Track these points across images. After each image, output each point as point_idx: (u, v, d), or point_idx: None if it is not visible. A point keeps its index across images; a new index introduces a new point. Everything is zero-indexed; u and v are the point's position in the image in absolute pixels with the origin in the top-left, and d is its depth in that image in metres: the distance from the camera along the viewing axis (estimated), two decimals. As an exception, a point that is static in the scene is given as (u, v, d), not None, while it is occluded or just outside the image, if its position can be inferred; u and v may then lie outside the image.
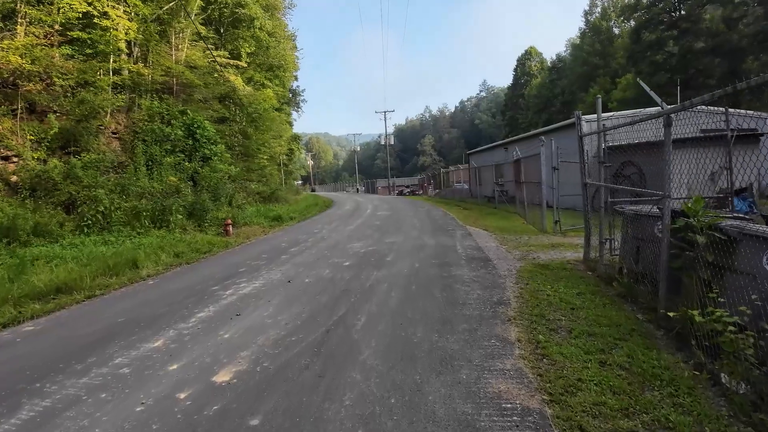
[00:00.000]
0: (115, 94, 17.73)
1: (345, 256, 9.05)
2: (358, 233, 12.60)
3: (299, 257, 9.28)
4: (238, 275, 7.94)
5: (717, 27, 40.98)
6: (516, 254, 8.50)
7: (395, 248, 9.55)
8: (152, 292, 7.28)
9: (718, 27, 40.93)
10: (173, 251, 10.93)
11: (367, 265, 7.97)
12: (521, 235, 10.99)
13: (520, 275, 6.70)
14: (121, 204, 13.82)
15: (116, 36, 17.03)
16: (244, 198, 22.14)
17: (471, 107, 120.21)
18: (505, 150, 25.65)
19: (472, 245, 9.49)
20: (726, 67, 40.47)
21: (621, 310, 5.14)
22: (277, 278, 7.45)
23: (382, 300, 5.67)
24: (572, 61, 56.69)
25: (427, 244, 9.82)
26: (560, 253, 8.53)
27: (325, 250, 9.92)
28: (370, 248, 9.78)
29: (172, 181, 15.83)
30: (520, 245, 9.45)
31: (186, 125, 19.98)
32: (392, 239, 10.94)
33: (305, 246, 10.83)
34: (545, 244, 9.57)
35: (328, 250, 9.91)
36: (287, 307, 5.72)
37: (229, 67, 27.05)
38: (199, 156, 20.15)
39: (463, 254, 8.50)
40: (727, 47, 39.93)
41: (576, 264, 7.60)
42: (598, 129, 7.52)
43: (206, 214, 15.76)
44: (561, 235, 10.88)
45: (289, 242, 11.75)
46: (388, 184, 49.47)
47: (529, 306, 5.20)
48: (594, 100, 7.79)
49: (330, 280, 6.98)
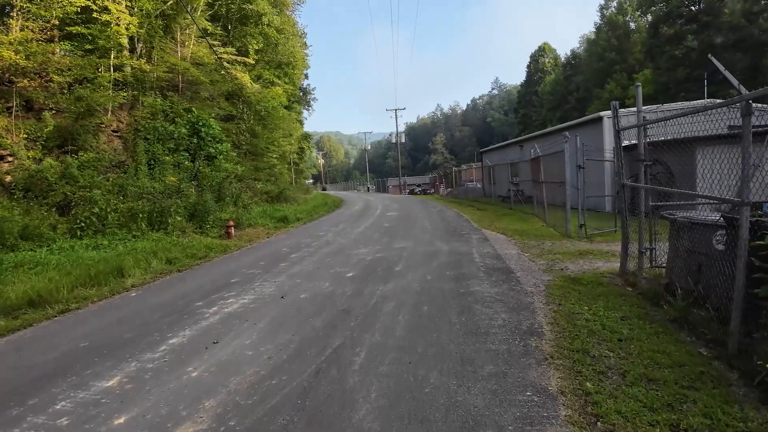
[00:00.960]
0: (117, 91, 16.99)
1: (349, 264, 8.10)
2: (365, 237, 11.64)
3: (299, 266, 8.35)
4: (228, 287, 7.03)
5: (738, 21, 39.14)
6: (541, 264, 7.46)
7: (405, 255, 8.56)
8: (129, 308, 6.41)
9: (739, 21, 39.10)
10: (166, 257, 10.08)
11: (373, 276, 7.00)
12: (543, 240, 9.93)
13: (550, 292, 5.67)
14: (118, 205, 13.05)
15: (117, 31, 16.29)
16: (250, 198, 21.36)
17: (483, 105, 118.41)
18: (521, 148, 24.48)
19: (491, 252, 8.46)
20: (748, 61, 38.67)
21: (679, 343, 4.10)
22: (269, 292, 6.52)
23: (387, 326, 4.69)
24: (587, 56, 54.90)
25: (441, 251, 8.81)
26: (590, 263, 7.47)
27: (328, 257, 8.98)
28: (377, 255, 8.81)
29: (171, 181, 15.04)
30: (544, 253, 8.40)
31: (191, 123, 19.24)
32: (402, 244, 9.95)
33: (308, 251, 9.90)
34: (571, 251, 8.50)
35: (331, 257, 8.96)
36: (274, 332, 4.78)
37: (236, 64, 26.29)
38: (203, 155, 19.40)
39: (481, 264, 7.48)
40: (749, 42, 38.11)
41: (612, 277, 6.54)
42: (638, 122, 6.43)
43: (208, 216, 14.93)
44: (587, 241, 9.80)
45: (291, 247, 10.84)
46: (399, 183, 48.43)
47: (567, 336, 4.19)
48: (635, 90, 6.70)
49: (329, 296, 6.03)
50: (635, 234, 6.73)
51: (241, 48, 28.62)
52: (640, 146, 6.52)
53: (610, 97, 42.57)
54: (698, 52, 40.20)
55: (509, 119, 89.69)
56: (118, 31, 16.30)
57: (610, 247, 9.00)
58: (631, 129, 6.74)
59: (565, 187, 10.46)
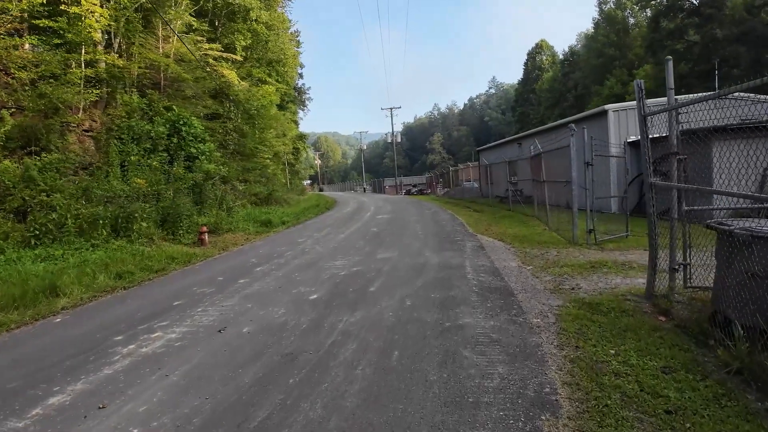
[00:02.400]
0: (89, 88, 15.65)
1: (317, 282, 6.73)
2: (347, 244, 10.28)
3: (259, 283, 6.98)
4: (164, 314, 5.67)
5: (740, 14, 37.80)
6: (546, 281, 6.09)
7: (386, 270, 7.19)
8: (39, 342, 5.05)
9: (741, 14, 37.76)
10: (118, 270, 8.76)
11: (340, 301, 5.63)
12: (547, 247, 8.56)
13: (563, 327, 4.30)
14: (80, 210, 11.70)
15: (89, 25, 14.96)
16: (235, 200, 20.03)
17: (480, 104, 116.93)
18: (519, 146, 23.11)
19: (487, 266, 7.08)
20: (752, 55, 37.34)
21: (754, 416, 2.75)
22: (208, 323, 5.15)
23: (337, 386, 3.32)
24: (586, 53, 53.44)
25: (429, 264, 7.43)
26: (606, 280, 6.10)
27: (297, 272, 7.61)
28: (354, 269, 7.44)
29: (138, 183, 13.66)
30: (549, 265, 7.03)
31: (171, 122, 17.90)
32: (386, 254, 8.58)
33: (277, 263, 8.54)
34: (581, 263, 7.13)
35: (300, 272, 7.59)
36: (184, 392, 3.42)
37: (223, 61, 24.94)
38: (183, 155, 18.04)
39: (475, 282, 6.10)
40: (752, 35, 36.78)
41: (637, 301, 5.18)
42: (669, 104, 5.07)
43: (181, 221, 13.56)
44: (597, 248, 8.44)
45: (262, 257, 9.48)
46: (395, 183, 46.99)
47: (592, 410, 2.82)
48: (664, 63, 5.33)
49: (277, 331, 4.66)
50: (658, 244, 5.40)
51: (229, 45, 27.31)
52: (671, 135, 5.16)
53: (610, 93, 41.25)
54: (701, 46, 38.89)
55: (506, 118, 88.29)
56: (90, 25, 14.98)
57: (625, 256, 7.64)
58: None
59: (570, 187, 9.09)
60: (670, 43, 39.57)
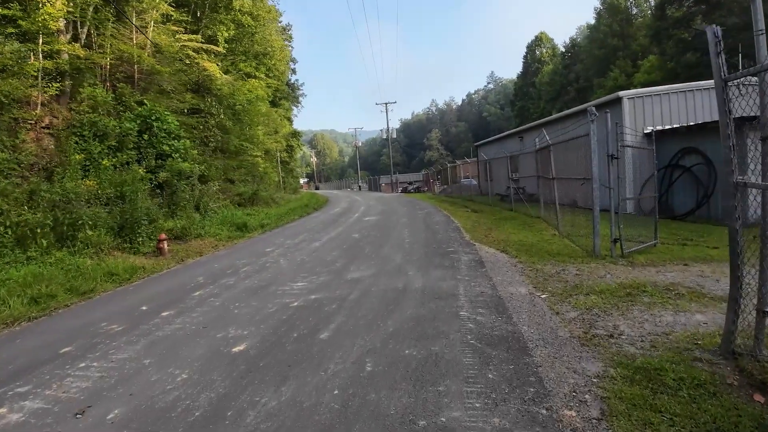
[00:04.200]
0: (49, 82, 13.98)
1: (255, 319, 4.94)
2: (318, 257, 8.51)
3: (182, 318, 5.21)
4: (34, 371, 3.95)
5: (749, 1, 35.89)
6: (572, 320, 4.32)
7: (352, 300, 5.40)
8: None
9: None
10: (38, 292, 7.06)
11: (272, 357, 3.84)
12: (562, 262, 6.79)
13: (615, 428, 2.53)
14: (23, 217, 9.99)
15: (48, 13, 13.25)
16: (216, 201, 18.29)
17: (479, 100, 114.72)
18: (521, 140, 21.30)
19: (487, 293, 5.27)
20: (764, 43, 35.43)
21: None
22: (74, 394, 3.41)
23: None
24: (588, 44, 51.36)
25: (410, 290, 5.63)
26: (653, 316, 4.34)
27: (238, 300, 5.83)
28: (311, 297, 5.66)
29: (88, 185, 11.89)
30: (570, 291, 5.24)
31: (142, 117, 16.16)
32: (359, 272, 6.80)
33: (223, 285, 6.77)
34: (612, 286, 5.35)
35: (243, 300, 5.81)
36: None
37: (203, 53, 23.13)
38: (154, 153, 16.28)
39: (471, 325, 4.31)
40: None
41: (711, 360, 3.40)
42: (762, 63, 3.27)
43: (139, 228, 11.81)
44: (625, 263, 6.67)
45: (211, 274, 7.71)
46: (390, 180, 45.07)
47: None
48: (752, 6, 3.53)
49: (151, 424, 2.90)
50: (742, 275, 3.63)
51: (213, 37, 25.57)
52: (766, 111, 3.33)
53: (614, 85, 39.39)
54: (708, 34, 36.96)
55: (505, 113, 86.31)
56: (49, 13, 13.25)
57: (664, 275, 5.88)
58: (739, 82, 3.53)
59: (588, 186, 7.30)
60: (677, 32, 37.65)
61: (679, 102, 14.36)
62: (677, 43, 37.65)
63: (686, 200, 12.30)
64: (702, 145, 11.90)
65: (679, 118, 14.22)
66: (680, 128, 12.84)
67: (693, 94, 14.65)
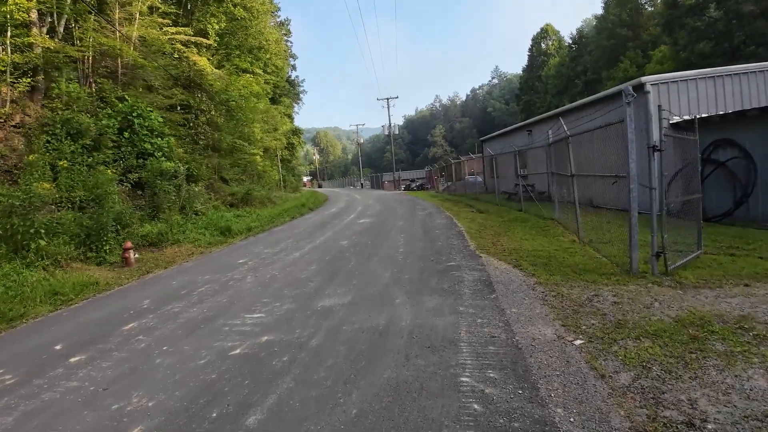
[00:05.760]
0: (18, 77, 12.79)
1: (173, 380, 3.55)
2: (291, 273, 7.10)
3: (86, 371, 3.86)
4: None
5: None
6: (624, 388, 2.89)
7: (313, 346, 3.96)
8: None
9: (766, -13, 33.89)
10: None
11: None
12: (593, 282, 5.33)
13: None
14: None
15: (16, 3, 12.06)
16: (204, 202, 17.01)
17: (483, 95, 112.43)
18: (529, 133, 19.74)
19: (499, 339, 3.79)
20: (781, 31, 33.53)
21: None
22: None
23: None
24: (596, 35, 49.34)
25: (392, 331, 4.16)
26: (739, 382, 2.93)
27: (167, 342, 4.44)
28: (263, 338, 4.25)
29: (44, 188, 10.56)
30: (613, 334, 3.79)
31: (122, 114, 14.89)
32: (332, 300, 5.35)
33: (163, 315, 5.39)
34: (666, 324, 3.92)
35: (174, 342, 4.43)
36: None
37: (192, 46, 21.79)
38: (135, 152, 14.98)
39: (475, 398, 2.86)
40: (780, 9, 32.94)
41: None
42: None
43: (106, 235, 10.50)
44: (672, 282, 5.21)
45: (158, 297, 6.35)
46: (393, 178, 43.47)
47: None
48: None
49: None
50: None
51: (204, 31, 24.23)
52: None
53: (625, 76, 37.57)
54: (724, 22, 35.08)
55: (510, 108, 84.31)
56: (17, 2, 12.04)
57: (728, 303, 4.45)
58: None
59: (621, 185, 5.82)
60: (690, 21, 35.77)
61: (707, 89, 12.78)
62: (690, 32, 35.81)
63: (721, 200, 10.74)
64: (739, 136, 10.32)
65: (707, 107, 12.65)
66: (713, 117, 11.26)
67: (723, 80, 13.05)
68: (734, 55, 33.59)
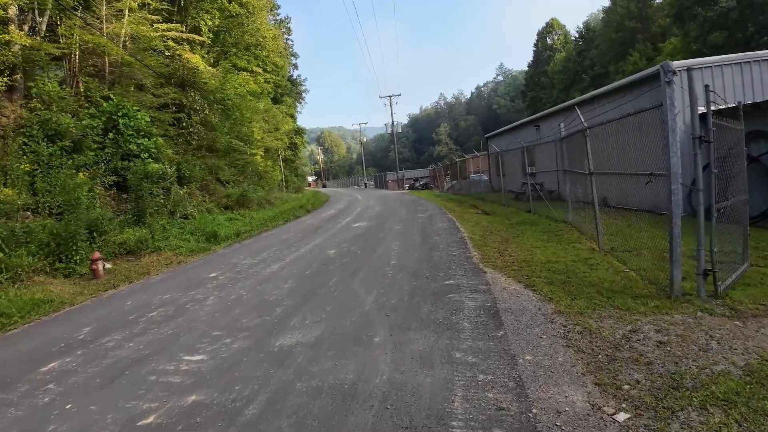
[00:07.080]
0: None
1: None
2: (261, 293, 6.03)
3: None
4: None
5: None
6: None
7: (245, 421, 2.91)
8: None
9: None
10: None
11: None
12: (627, 309, 4.19)
13: None
14: None
15: None
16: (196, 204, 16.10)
17: (488, 92, 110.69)
18: (537, 129, 18.54)
19: (511, 412, 2.66)
20: (797, 19, 31.93)
21: None
22: None
23: None
24: (603, 28, 47.73)
25: (360, 397, 2.93)
26: None
27: (70, 400, 3.39)
28: (190, 398, 3.18)
29: (6, 194, 9.61)
30: (668, 400, 2.67)
31: (107, 114, 14.00)
32: (296, 336, 4.21)
33: (92, 353, 4.36)
34: (735, 379, 2.81)
35: (79, 400, 3.38)
36: None
37: (185, 43, 20.85)
38: (119, 154, 14.06)
39: None
40: (795, -3, 31.34)
41: None
42: None
43: (75, 245, 9.52)
44: (725, 309, 4.09)
45: (101, 325, 5.32)
46: (396, 177, 42.31)
47: None
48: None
49: None
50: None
51: (198, 28, 23.28)
52: None
53: (634, 69, 36.06)
54: (738, 11, 33.50)
55: (516, 105, 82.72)
56: None
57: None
58: None
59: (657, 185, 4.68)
60: (701, 11, 34.23)
61: (734, 76, 11.54)
62: (702, 22, 34.27)
63: (754, 200, 9.49)
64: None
65: (734, 96, 11.39)
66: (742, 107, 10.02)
67: (750, 66, 11.79)
68: (748, 45, 32.02)
